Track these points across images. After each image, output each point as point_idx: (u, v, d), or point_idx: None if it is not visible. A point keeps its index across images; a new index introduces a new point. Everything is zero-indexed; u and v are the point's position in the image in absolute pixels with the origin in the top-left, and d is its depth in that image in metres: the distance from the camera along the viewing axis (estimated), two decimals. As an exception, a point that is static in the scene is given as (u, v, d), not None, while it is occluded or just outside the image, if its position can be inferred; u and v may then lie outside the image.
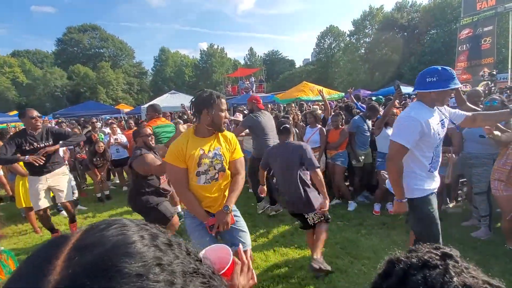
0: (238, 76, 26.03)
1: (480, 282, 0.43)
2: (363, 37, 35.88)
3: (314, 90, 11.47)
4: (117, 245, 0.31)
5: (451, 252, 0.48)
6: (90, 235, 0.33)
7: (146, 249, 0.32)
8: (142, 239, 0.33)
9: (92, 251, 0.30)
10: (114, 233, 0.33)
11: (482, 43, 11.21)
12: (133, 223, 0.37)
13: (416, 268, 0.45)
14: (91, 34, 42.56)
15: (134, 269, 0.29)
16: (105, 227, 0.34)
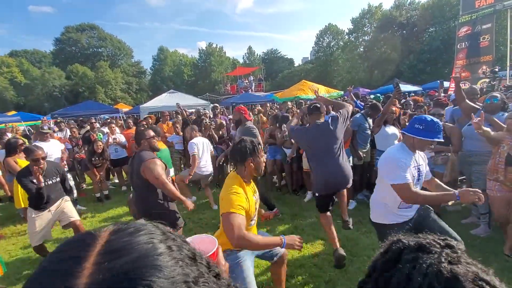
0: (237, 75, 26.00)
1: (470, 273, 0.43)
2: (362, 35, 35.83)
3: (312, 89, 11.47)
4: (146, 255, 0.32)
5: (453, 243, 0.48)
6: (118, 238, 0.34)
7: (173, 263, 0.32)
8: (170, 250, 0.34)
9: (121, 258, 0.30)
10: (142, 240, 0.33)
11: (481, 41, 11.20)
12: (158, 230, 0.37)
13: (411, 250, 0.47)
14: (89, 34, 42.38)
15: (162, 285, 0.29)
16: (133, 231, 0.34)
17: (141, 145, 2.85)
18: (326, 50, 39.58)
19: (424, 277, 0.42)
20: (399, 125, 4.20)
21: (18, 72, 34.39)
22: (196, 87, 41.45)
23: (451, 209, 4.04)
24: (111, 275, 0.29)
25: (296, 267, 2.94)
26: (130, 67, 44.17)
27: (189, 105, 11.74)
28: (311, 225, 3.85)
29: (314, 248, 3.29)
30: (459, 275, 0.42)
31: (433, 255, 0.45)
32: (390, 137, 3.95)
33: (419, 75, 26.31)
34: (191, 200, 4.02)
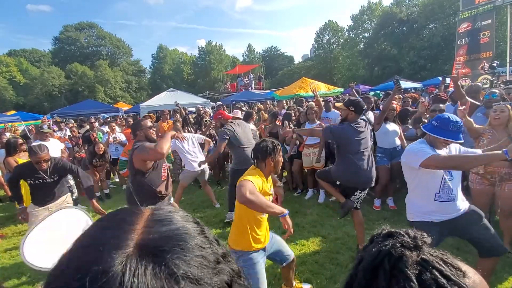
0: (237, 73, 25.94)
1: (414, 257, 0.48)
2: (362, 32, 35.69)
3: (312, 86, 11.44)
4: (184, 227, 0.38)
5: (417, 234, 0.52)
6: (161, 213, 0.40)
7: (200, 236, 0.38)
8: (195, 225, 0.40)
9: (165, 225, 0.37)
10: (180, 217, 0.40)
11: (481, 37, 11.17)
12: (189, 216, 0.43)
13: (381, 236, 0.53)
14: (88, 32, 42.25)
15: (196, 243, 0.36)
16: (171, 210, 0.41)
17: (137, 136, 2.80)
18: (326, 47, 39.46)
19: (377, 256, 0.49)
20: (400, 122, 4.18)
21: (17, 71, 34.33)
22: (196, 86, 41.40)
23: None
24: (160, 236, 0.35)
25: (298, 264, 2.94)
26: (130, 66, 44.07)
27: (189, 104, 11.73)
28: (311, 222, 3.85)
29: (315, 245, 3.29)
30: (405, 256, 0.47)
31: (393, 240, 0.50)
32: (390, 134, 3.95)
33: (419, 72, 26.25)
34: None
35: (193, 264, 0.34)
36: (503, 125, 2.78)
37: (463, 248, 3.09)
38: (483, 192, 2.91)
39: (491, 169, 2.81)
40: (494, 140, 2.80)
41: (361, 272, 0.50)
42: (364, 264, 0.50)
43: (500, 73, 11.28)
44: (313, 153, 4.55)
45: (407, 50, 29.00)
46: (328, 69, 38.09)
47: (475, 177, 2.93)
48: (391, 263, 0.47)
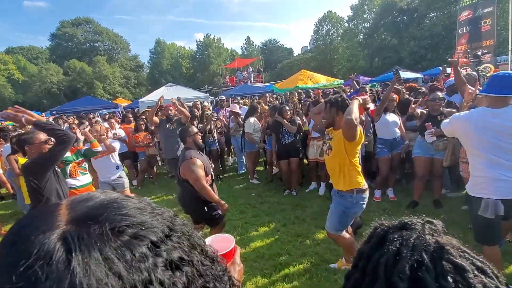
0: (236, 67, 25.75)
1: (451, 244, 0.45)
2: (361, 22, 35.22)
3: (313, 78, 11.35)
4: (109, 200, 0.36)
5: (433, 220, 0.50)
6: (78, 197, 0.38)
7: (132, 202, 0.37)
8: (131, 201, 0.38)
9: (87, 203, 0.35)
10: (100, 195, 0.38)
11: (482, 25, 11.00)
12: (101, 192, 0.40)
13: (395, 229, 0.48)
14: (85, 28, 41.83)
15: (132, 205, 0.35)
16: (88, 194, 0.38)
17: (186, 142, 2.83)
18: (326, 38, 39.04)
19: (412, 250, 0.42)
20: (399, 113, 4.15)
21: (15, 69, 34.15)
22: (195, 80, 41.14)
23: (451, 195, 4.04)
24: (87, 209, 0.34)
25: (298, 256, 2.97)
26: (128, 61, 43.77)
27: (188, 98, 11.67)
28: (312, 214, 3.87)
29: (315, 237, 3.32)
30: (444, 245, 0.43)
31: (416, 229, 0.46)
32: (390, 124, 3.92)
33: (420, 62, 25.99)
34: None
35: (132, 213, 0.34)
36: None
37: (468, 227, 3.12)
38: None
39: None
40: None
41: (382, 272, 0.43)
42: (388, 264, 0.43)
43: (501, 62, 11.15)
44: (317, 146, 4.54)
45: (407, 40, 28.65)
46: (328, 60, 37.75)
47: (466, 166, 2.93)
48: (430, 256, 0.41)
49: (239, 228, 3.67)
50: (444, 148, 3.46)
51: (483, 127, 1.98)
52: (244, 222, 3.85)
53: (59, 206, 0.36)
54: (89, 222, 0.31)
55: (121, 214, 0.33)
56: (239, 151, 5.98)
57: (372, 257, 0.46)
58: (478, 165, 2.07)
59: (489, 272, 0.42)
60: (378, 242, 0.47)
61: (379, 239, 0.48)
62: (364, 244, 0.51)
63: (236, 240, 3.23)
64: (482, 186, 2.04)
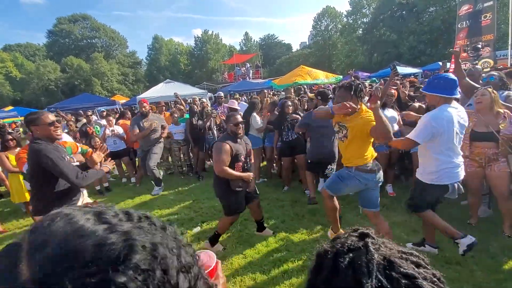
0: (234, 63, 25.62)
1: (396, 252, 0.48)
2: (360, 17, 35.00)
3: (312, 74, 11.30)
4: (68, 233, 0.33)
5: (367, 231, 0.52)
6: (39, 234, 0.34)
7: (95, 227, 0.34)
8: (88, 220, 0.35)
9: (47, 246, 0.32)
10: (60, 225, 0.34)
11: (482, 19, 10.92)
12: (75, 210, 0.37)
13: (342, 255, 0.47)
14: (82, 24, 41.48)
15: (91, 243, 0.32)
16: (49, 223, 0.35)
17: (227, 129, 3.08)
18: (324, 33, 38.83)
19: (369, 276, 0.43)
20: (398, 108, 4.13)
21: (12, 66, 33.91)
22: (193, 76, 40.95)
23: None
24: (47, 261, 0.31)
25: (297, 252, 2.97)
26: (126, 57, 43.51)
27: (187, 95, 11.62)
28: (311, 211, 3.86)
29: (314, 234, 3.32)
30: (390, 257, 0.46)
31: (362, 250, 0.47)
32: (389, 120, 3.88)
33: (419, 57, 25.90)
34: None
35: (93, 256, 0.31)
36: (487, 108, 2.83)
37: (466, 222, 3.12)
38: (474, 174, 2.97)
39: (478, 150, 2.89)
40: (479, 123, 2.87)
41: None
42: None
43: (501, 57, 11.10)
44: None
45: (406, 34, 28.50)
46: (327, 56, 37.61)
47: (464, 160, 2.92)
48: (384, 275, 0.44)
49: (238, 225, 3.66)
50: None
51: (453, 121, 2.31)
52: (243, 219, 3.83)
53: (20, 253, 0.33)
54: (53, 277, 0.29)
55: (81, 267, 0.30)
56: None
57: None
58: (446, 158, 2.39)
59: (423, 263, 0.47)
60: (331, 273, 0.47)
61: (330, 269, 0.48)
62: (314, 275, 0.50)
63: (235, 236, 3.24)
64: (449, 174, 2.42)
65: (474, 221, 3.15)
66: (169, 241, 0.38)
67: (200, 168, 5.99)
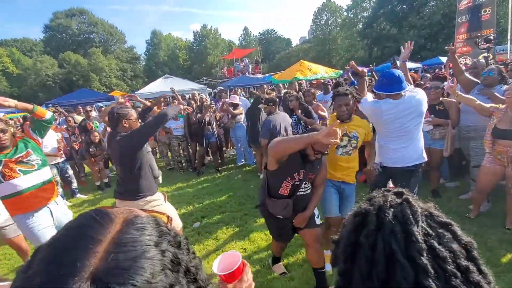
0: (234, 58, 25.47)
1: (429, 205, 0.53)
2: (361, 11, 34.74)
3: (311, 69, 11.26)
4: (142, 255, 0.37)
5: (402, 189, 0.55)
6: (128, 232, 0.39)
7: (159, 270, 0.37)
8: (160, 255, 0.39)
9: (125, 253, 0.36)
10: (145, 240, 0.38)
11: (482, 14, 10.86)
12: (156, 230, 0.41)
13: (386, 210, 0.50)
14: (79, 19, 41.02)
15: (146, 276, 0.35)
16: (139, 227, 0.40)
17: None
18: (324, 28, 38.56)
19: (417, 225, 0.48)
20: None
21: (9, 62, 33.59)
22: (192, 72, 40.73)
23: (449, 185, 4.06)
24: (116, 265, 0.34)
25: (297, 247, 2.98)
26: (124, 53, 43.14)
27: (186, 90, 11.58)
28: (311, 205, 3.88)
29: (314, 228, 3.33)
30: (429, 209, 0.51)
31: (405, 205, 0.50)
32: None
33: (419, 52, 25.77)
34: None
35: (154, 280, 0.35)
36: None
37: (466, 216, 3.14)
38: (493, 171, 2.89)
39: (501, 148, 2.79)
40: (504, 120, 2.75)
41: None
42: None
43: (500, 52, 11.06)
44: None
45: (407, 29, 28.34)
46: (327, 51, 37.39)
47: (489, 156, 2.92)
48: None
49: (238, 220, 3.68)
50: (440, 137, 3.44)
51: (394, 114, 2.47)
52: (243, 214, 3.86)
53: (106, 233, 0.38)
54: (111, 282, 0.33)
55: (142, 280, 0.34)
56: (238, 143, 5.95)
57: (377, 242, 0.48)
58: (395, 145, 2.54)
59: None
60: (376, 227, 0.49)
61: (375, 224, 0.49)
62: (355, 233, 0.51)
63: (236, 231, 3.25)
64: (398, 158, 2.54)
65: (474, 214, 3.15)
66: None
67: (200, 164, 5.99)
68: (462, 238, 0.47)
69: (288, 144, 1.80)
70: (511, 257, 2.49)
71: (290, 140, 1.83)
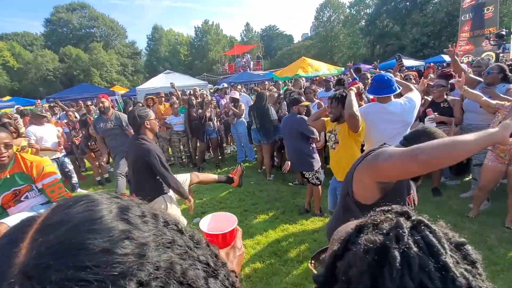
0: (235, 54, 25.36)
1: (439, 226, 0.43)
2: (363, 8, 34.51)
3: (313, 66, 11.20)
4: (82, 221, 0.30)
5: (406, 209, 0.45)
6: (55, 213, 0.32)
7: (114, 223, 0.31)
8: (110, 213, 0.32)
9: (55, 231, 0.29)
10: (80, 209, 0.32)
11: (485, 12, 10.79)
12: (103, 197, 0.34)
13: (405, 240, 0.38)
14: (80, 13, 40.81)
15: (99, 244, 0.28)
16: (71, 204, 0.33)
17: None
18: (327, 25, 38.31)
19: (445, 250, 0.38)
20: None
21: (10, 56, 33.50)
22: (193, 68, 40.59)
23: (450, 183, 4.05)
24: (46, 248, 0.28)
25: (297, 243, 2.99)
26: (125, 48, 42.98)
27: (187, 86, 11.55)
28: (311, 203, 3.88)
29: (314, 225, 3.34)
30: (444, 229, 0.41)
31: (422, 228, 0.40)
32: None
33: (422, 50, 25.64)
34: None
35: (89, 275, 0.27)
36: None
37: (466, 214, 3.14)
38: (495, 169, 2.88)
39: (504, 147, 2.78)
40: (510, 117, 2.69)
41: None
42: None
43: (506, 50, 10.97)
44: None
45: (410, 26, 28.14)
46: (329, 48, 37.20)
47: (491, 153, 2.92)
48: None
49: (238, 216, 3.67)
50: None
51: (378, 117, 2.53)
52: (243, 210, 3.86)
53: (30, 228, 0.31)
54: (37, 276, 0.26)
55: (77, 269, 0.26)
56: (239, 139, 5.94)
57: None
58: None
59: None
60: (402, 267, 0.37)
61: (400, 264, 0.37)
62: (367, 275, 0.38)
63: (235, 227, 3.14)
64: None
65: (474, 213, 3.14)
66: (194, 250, 0.36)
67: (200, 160, 5.99)
68: (473, 257, 0.40)
69: (446, 152, 1.02)
70: (510, 255, 2.49)
71: (450, 146, 1.03)
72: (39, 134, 4.32)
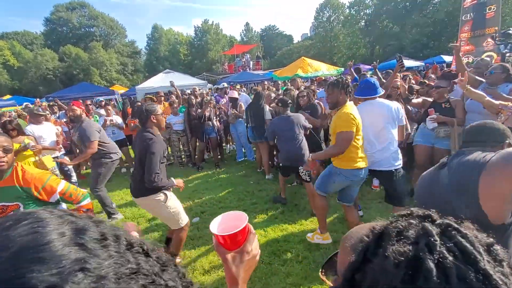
0: (235, 54, 25.33)
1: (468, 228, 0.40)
2: (363, 8, 34.49)
3: (313, 66, 11.18)
4: (26, 247, 0.25)
5: (428, 212, 0.42)
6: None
7: (65, 250, 0.26)
8: (61, 236, 0.27)
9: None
10: (23, 231, 0.26)
11: (487, 12, 10.75)
12: (53, 216, 0.29)
13: (439, 249, 0.35)
14: (80, 12, 40.77)
15: (45, 279, 0.23)
16: (12, 224, 0.27)
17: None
18: (326, 25, 38.29)
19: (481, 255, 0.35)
20: (403, 101, 4.08)
21: (10, 55, 33.45)
22: (193, 67, 40.56)
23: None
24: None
25: (296, 243, 2.98)
26: (124, 47, 42.94)
27: (186, 85, 11.53)
28: (310, 202, 3.88)
29: (313, 225, 3.33)
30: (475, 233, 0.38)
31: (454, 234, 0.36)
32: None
33: (421, 50, 25.64)
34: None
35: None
36: None
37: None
38: None
39: None
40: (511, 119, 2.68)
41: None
42: None
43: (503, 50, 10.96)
44: None
45: (409, 27, 28.15)
46: (328, 48, 37.18)
47: None
48: None
49: (237, 215, 3.68)
50: (445, 135, 3.41)
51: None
52: (242, 210, 3.83)
53: None
54: None
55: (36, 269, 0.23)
56: (238, 138, 5.93)
57: None
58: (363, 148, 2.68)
59: None
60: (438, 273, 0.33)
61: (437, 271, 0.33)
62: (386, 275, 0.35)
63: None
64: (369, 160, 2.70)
65: None
66: (162, 276, 0.32)
67: (199, 159, 5.98)
68: (501, 256, 0.37)
69: None
70: (510, 256, 2.48)
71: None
72: (37, 133, 4.32)
